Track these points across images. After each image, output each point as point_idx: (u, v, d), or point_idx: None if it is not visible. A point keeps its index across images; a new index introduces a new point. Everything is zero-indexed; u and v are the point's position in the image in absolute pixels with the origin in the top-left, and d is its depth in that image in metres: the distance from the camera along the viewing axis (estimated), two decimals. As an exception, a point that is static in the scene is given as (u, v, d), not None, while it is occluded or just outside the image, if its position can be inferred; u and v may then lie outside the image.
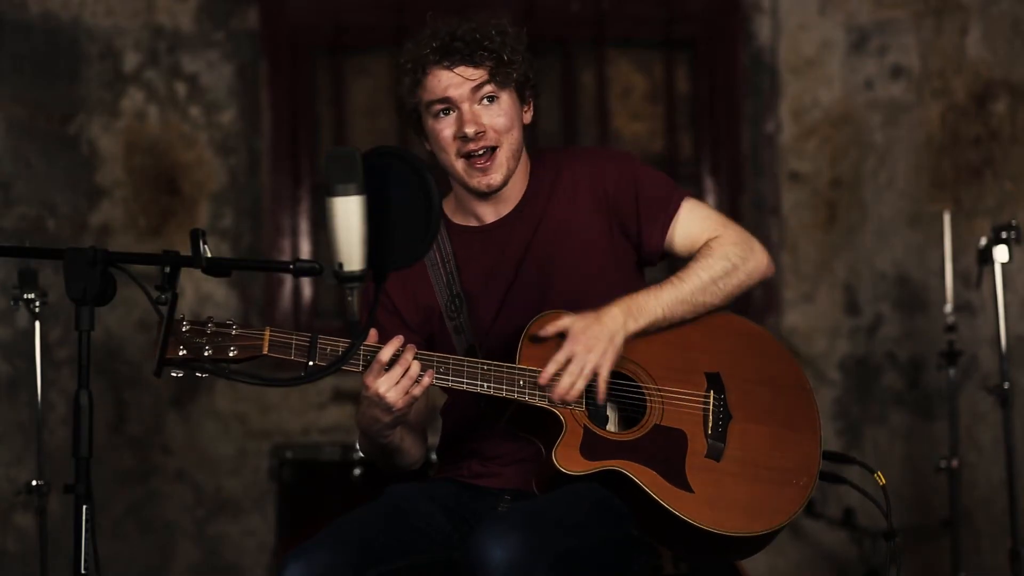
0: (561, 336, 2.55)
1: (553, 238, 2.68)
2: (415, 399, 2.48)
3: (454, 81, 2.58)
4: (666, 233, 2.69)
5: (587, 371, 2.51)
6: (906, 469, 5.00)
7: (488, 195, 2.66)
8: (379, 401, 2.46)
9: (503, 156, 2.62)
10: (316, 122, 5.23)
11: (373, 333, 2.49)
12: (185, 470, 5.05)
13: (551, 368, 2.50)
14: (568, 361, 2.51)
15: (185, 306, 4.92)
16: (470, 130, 2.58)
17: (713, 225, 2.73)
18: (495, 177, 2.62)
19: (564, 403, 2.52)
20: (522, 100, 2.66)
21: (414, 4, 5.08)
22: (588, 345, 2.52)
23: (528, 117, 2.69)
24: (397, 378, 2.45)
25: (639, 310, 2.59)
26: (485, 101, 2.60)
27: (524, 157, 2.72)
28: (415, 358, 2.46)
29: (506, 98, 2.61)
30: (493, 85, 2.59)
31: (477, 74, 2.58)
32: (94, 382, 2.11)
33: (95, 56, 5.01)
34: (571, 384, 2.50)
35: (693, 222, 2.71)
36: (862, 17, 5.12)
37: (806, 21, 5.16)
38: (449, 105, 2.60)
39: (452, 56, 2.57)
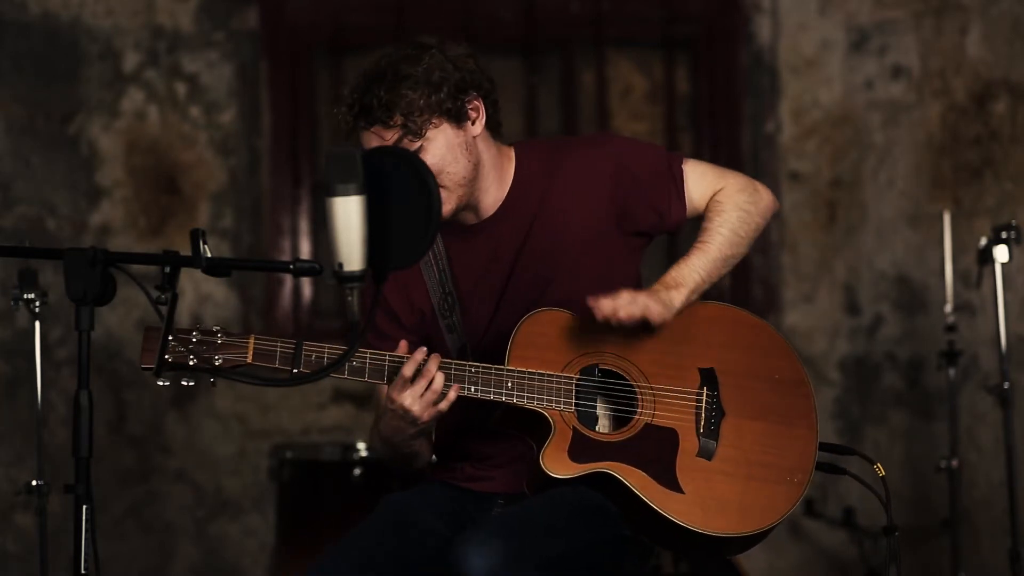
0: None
1: (548, 236, 2.66)
2: (441, 413, 2.49)
3: (374, 140, 2.56)
4: (684, 203, 2.70)
5: (638, 307, 2.51)
6: (906, 469, 5.00)
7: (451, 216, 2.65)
8: (404, 415, 2.48)
9: (445, 192, 2.58)
10: (316, 122, 5.23)
11: (403, 344, 2.51)
12: (185, 470, 5.05)
13: (606, 304, 2.51)
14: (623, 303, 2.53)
15: (185, 306, 4.94)
16: None
17: (714, 178, 2.74)
18: (442, 209, 2.61)
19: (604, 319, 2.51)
20: (460, 119, 2.59)
21: (414, 4, 5.09)
22: (645, 297, 2.54)
23: (478, 126, 2.62)
24: (421, 391, 2.46)
25: (676, 282, 2.60)
26: None
27: (499, 155, 2.68)
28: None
29: (431, 142, 2.56)
30: (409, 139, 2.55)
31: (390, 134, 2.54)
32: (94, 382, 2.11)
33: (95, 56, 5.01)
34: (615, 308, 2.51)
35: (698, 182, 2.72)
36: (862, 17, 5.12)
37: (806, 21, 5.16)
38: None
39: (365, 117, 2.55)
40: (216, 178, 5.09)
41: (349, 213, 1.98)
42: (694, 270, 2.63)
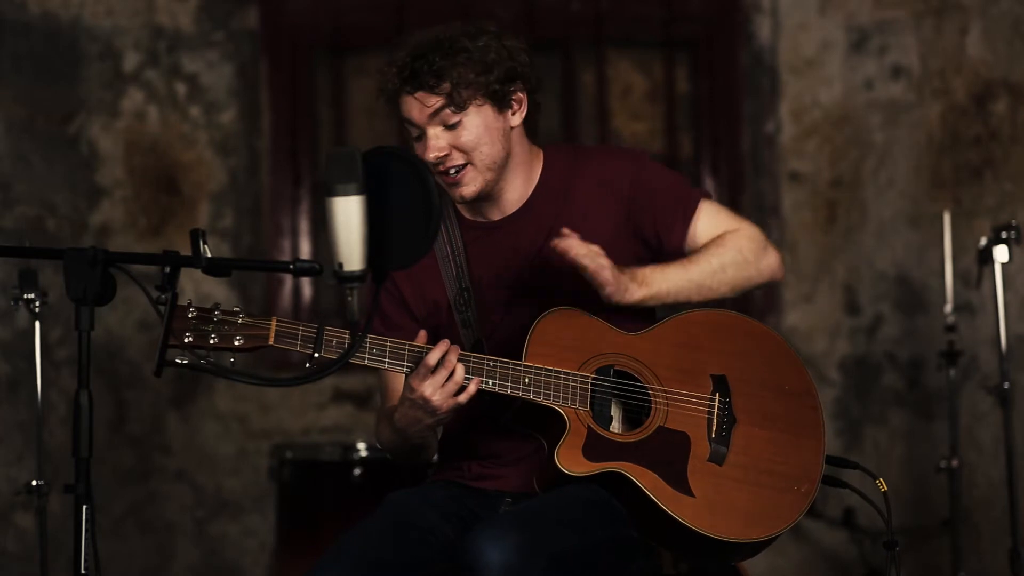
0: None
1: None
2: (460, 405, 2.49)
3: (415, 106, 2.57)
4: (687, 231, 2.70)
5: (594, 264, 2.53)
6: (906, 469, 5.00)
7: (473, 202, 2.67)
8: (424, 404, 2.48)
9: (474, 171, 2.60)
10: (316, 122, 5.23)
11: (422, 334, 2.51)
12: (185, 470, 5.05)
13: (571, 242, 2.53)
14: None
15: (185, 306, 4.93)
16: (431, 156, 2.57)
17: (727, 221, 2.74)
18: (466, 190, 2.62)
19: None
20: (502, 106, 2.62)
21: (414, 4, 5.09)
22: (609, 267, 2.55)
23: (518, 117, 2.65)
24: (442, 381, 2.46)
25: (643, 280, 2.60)
26: (445, 125, 2.58)
27: (529, 153, 2.70)
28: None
29: (471, 118, 2.57)
30: (451, 110, 2.56)
31: (433, 100, 2.55)
32: (94, 382, 2.10)
33: (95, 56, 5.01)
34: (576, 250, 2.53)
35: (709, 219, 2.72)
36: (862, 17, 5.12)
37: (806, 21, 5.16)
38: (417, 129, 2.60)
39: (412, 81, 2.56)
40: (216, 178, 5.09)
41: (349, 213, 1.98)
42: (666, 279, 2.63)
